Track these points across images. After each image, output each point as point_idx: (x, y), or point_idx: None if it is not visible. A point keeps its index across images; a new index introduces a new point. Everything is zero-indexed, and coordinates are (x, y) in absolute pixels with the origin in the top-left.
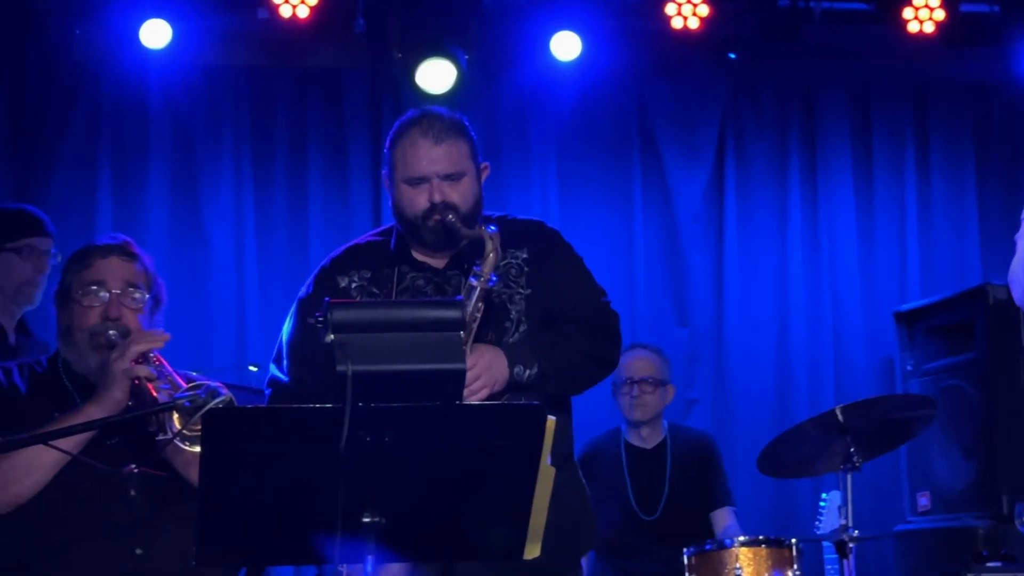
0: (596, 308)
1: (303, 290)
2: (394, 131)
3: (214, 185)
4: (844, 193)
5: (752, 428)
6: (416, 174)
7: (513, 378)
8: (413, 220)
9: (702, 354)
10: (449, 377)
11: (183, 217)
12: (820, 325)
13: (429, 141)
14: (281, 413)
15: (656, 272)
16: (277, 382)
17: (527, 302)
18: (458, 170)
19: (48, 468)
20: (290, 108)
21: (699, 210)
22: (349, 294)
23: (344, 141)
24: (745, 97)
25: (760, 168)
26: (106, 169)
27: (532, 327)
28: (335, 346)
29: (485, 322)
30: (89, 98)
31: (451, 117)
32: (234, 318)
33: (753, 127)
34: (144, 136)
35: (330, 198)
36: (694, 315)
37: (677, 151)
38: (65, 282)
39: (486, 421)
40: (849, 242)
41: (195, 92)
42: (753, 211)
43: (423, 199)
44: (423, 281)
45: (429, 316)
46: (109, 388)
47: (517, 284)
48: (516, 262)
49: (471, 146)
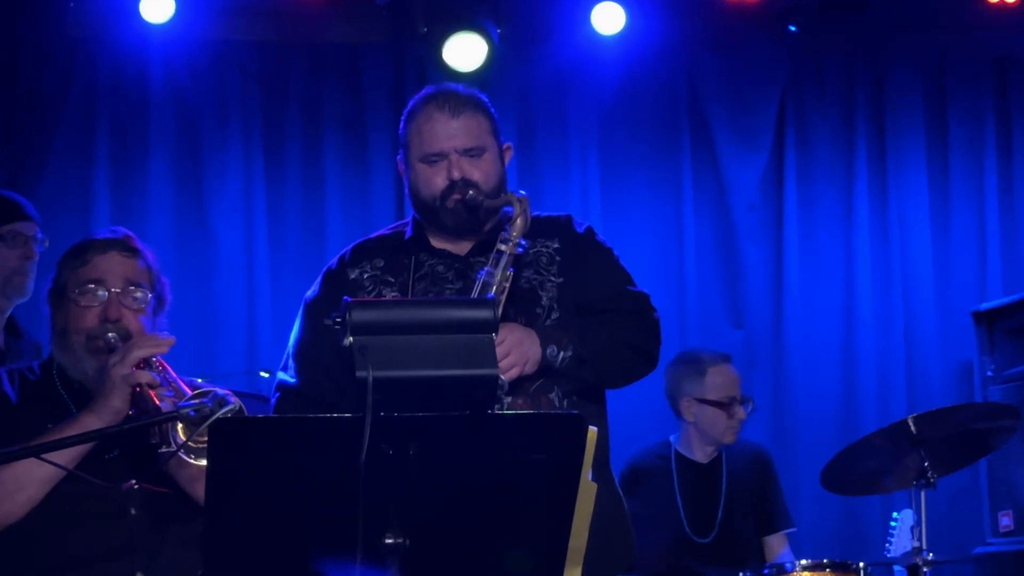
0: (635, 299)
1: (310, 292)
2: (408, 109)
3: (221, 173)
4: (916, 179)
5: (815, 441)
6: (433, 150)
7: (546, 359)
8: (431, 202)
9: (759, 359)
10: (480, 384)
11: (187, 208)
12: (890, 326)
13: (445, 114)
14: (295, 423)
15: (708, 268)
16: (284, 385)
17: (559, 290)
18: (478, 144)
19: (41, 484)
20: (304, 88)
21: (756, 199)
22: (361, 285)
23: (363, 125)
24: (806, 74)
25: (823, 152)
26: (103, 156)
27: (564, 316)
28: (354, 350)
29: (514, 306)
30: (85, 78)
31: (469, 92)
32: (243, 319)
33: (815, 107)
34: (144, 119)
35: (348, 187)
36: (750, 315)
37: (731, 134)
38: (60, 280)
39: (521, 432)
40: (922, 233)
41: (200, 71)
42: (815, 200)
43: (441, 177)
44: (443, 267)
45: (458, 316)
46: (108, 396)
47: (548, 272)
48: (547, 251)
49: (491, 122)
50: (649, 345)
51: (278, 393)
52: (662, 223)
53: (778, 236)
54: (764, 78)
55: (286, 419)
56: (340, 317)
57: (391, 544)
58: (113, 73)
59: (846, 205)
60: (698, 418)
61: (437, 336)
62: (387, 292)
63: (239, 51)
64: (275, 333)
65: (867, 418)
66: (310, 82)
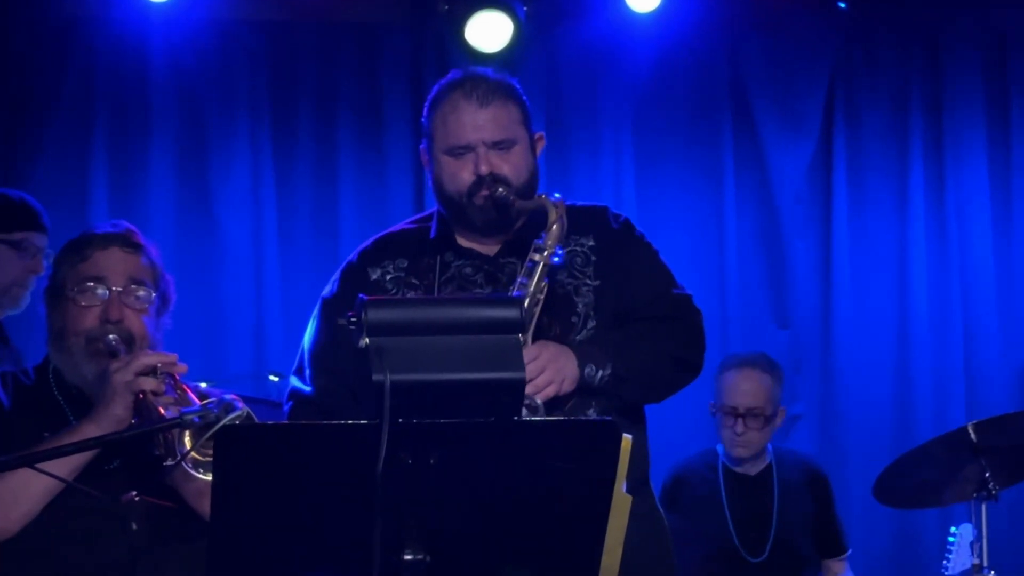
0: (676, 303)
1: (327, 288)
2: (432, 96)
3: (227, 163)
4: (977, 168)
5: (866, 450)
6: (459, 142)
7: (584, 379)
8: (457, 198)
9: (806, 361)
10: (506, 388)
11: (191, 201)
12: (948, 325)
13: (473, 104)
14: (307, 430)
15: (751, 265)
16: (298, 394)
17: (595, 295)
18: (508, 136)
19: (37, 498)
20: (316, 72)
21: (802, 189)
22: (383, 288)
23: (380, 110)
24: (858, 53)
25: (875, 139)
26: (101, 145)
27: (602, 323)
28: (370, 352)
29: (548, 314)
30: (81, 61)
31: (498, 77)
32: (251, 319)
33: (867, 89)
34: (145, 106)
35: (364, 178)
36: (797, 315)
37: (776, 119)
38: (58, 277)
39: (550, 440)
40: (983, 226)
41: (205, 53)
42: (867, 190)
43: (468, 172)
44: (471, 269)
45: (482, 316)
46: (108, 403)
47: (583, 274)
48: (581, 250)
49: (523, 111)
50: (692, 354)
51: (291, 402)
52: (701, 216)
53: (826, 230)
54: (812, 59)
55: (297, 426)
56: (355, 316)
57: (410, 561)
58: (112, 56)
59: (900, 196)
60: (717, 426)
61: (459, 337)
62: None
63: (246, 32)
64: (285, 334)
65: (923, 425)
66: (323, 65)
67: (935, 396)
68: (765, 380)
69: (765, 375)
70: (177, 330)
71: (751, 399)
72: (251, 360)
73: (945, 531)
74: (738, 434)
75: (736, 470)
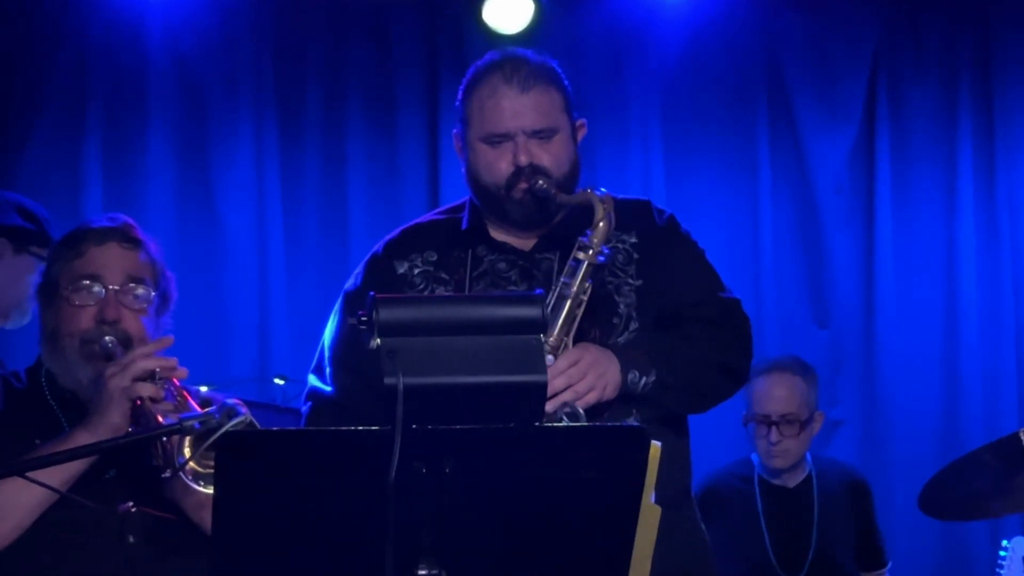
0: (723, 307)
1: (350, 282)
2: (468, 79)
3: (229, 152)
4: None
5: (912, 457)
6: (497, 130)
7: (626, 386)
8: (494, 189)
9: (847, 363)
10: (527, 392)
11: (190, 192)
12: (999, 326)
13: (514, 89)
14: (314, 437)
15: (788, 260)
16: (318, 394)
17: (638, 295)
18: (549, 125)
19: (29, 510)
20: (324, 54)
21: (843, 179)
22: (410, 282)
23: (392, 96)
24: (903, 35)
25: (921, 126)
26: (95, 132)
27: (645, 325)
28: (382, 353)
29: (587, 313)
30: (73, 41)
31: (540, 60)
32: (255, 318)
33: (912, 73)
34: (142, 89)
35: (375, 168)
36: (837, 314)
37: (815, 104)
38: (51, 274)
39: (574, 447)
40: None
41: (205, 33)
42: (912, 181)
43: (506, 162)
44: (505, 265)
45: (501, 315)
46: (104, 411)
47: (626, 273)
48: (623, 247)
49: (565, 97)
50: (740, 363)
51: (310, 403)
52: (735, 209)
53: (869, 223)
54: (853, 39)
55: (303, 433)
56: (366, 315)
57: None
58: (106, 36)
59: (948, 186)
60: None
61: (477, 337)
62: (440, 291)
63: (250, 10)
64: (291, 334)
65: (973, 432)
66: (331, 46)
67: (985, 400)
68: (797, 384)
69: (796, 378)
70: (176, 331)
71: (784, 405)
72: (255, 362)
73: (996, 545)
74: (773, 443)
75: (773, 482)
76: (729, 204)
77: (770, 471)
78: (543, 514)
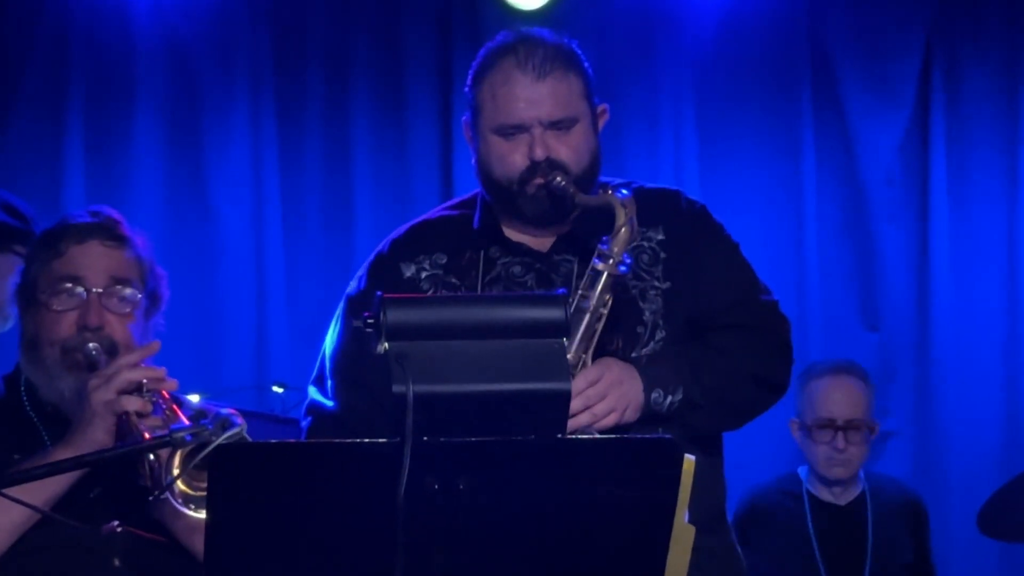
0: (760, 311)
1: (353, 285)
2: (479, 62)
3: (224, 139)
4: None
5: (969, 474)
6: (511, 121)
7: (649, 406)
8: (506, 185)
9: (899, 370)
10: (548, 401)
11: (181, 182)
12: None
13: (529, 75)
14: (316, 449)
15: (834, 255)
16: (318, 408)
17: (665, 300)
18: (568, 115)
19: (9, 532)
20: (327, 31)
21: (895, 169)
22: (417, 287)
23: (400, 78)
24: (959, 10)
25: (979, 110)
26: (77, 117)
27: (672, 333)
28: (390, 358)
29: (610, 324)
30: (54, 18)
31: (557, 42)
32: (252, 322)
33: (970, 53)
34: (129, 71)
35: (381, 157)
36: (888, 315)
37: (864, 87)
38: (29, 276)
39: (599, 461)
40: None
41: (197, 9)
42: (970, 170)
43: (520, 155)
44: (520, 268)
45: (520, 317)
46: (86, 427)
47: (651, 275)
48: (649, 245)
49: (585, 82)
50: (778, 373)
51: (310, 418)
52: (776, 201)
53: (923, 216)
54: (906, 16)
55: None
56: (372, 317)
57: None
58: (89, 12)
59: (1009, 176)
60: (802, 444)
61: (494, 342)
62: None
63: None
64: (291, 339)
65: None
66: (334, 23)
67: None
68: (863, 388)
69: (861, 383)
70: (166, 336)
71: (851, 409)
72: (251, 369)
73: None
74: (839, 450)
75: (824, 498)
76: (770, 196)
77: (827, 482)
78: (565, 535)
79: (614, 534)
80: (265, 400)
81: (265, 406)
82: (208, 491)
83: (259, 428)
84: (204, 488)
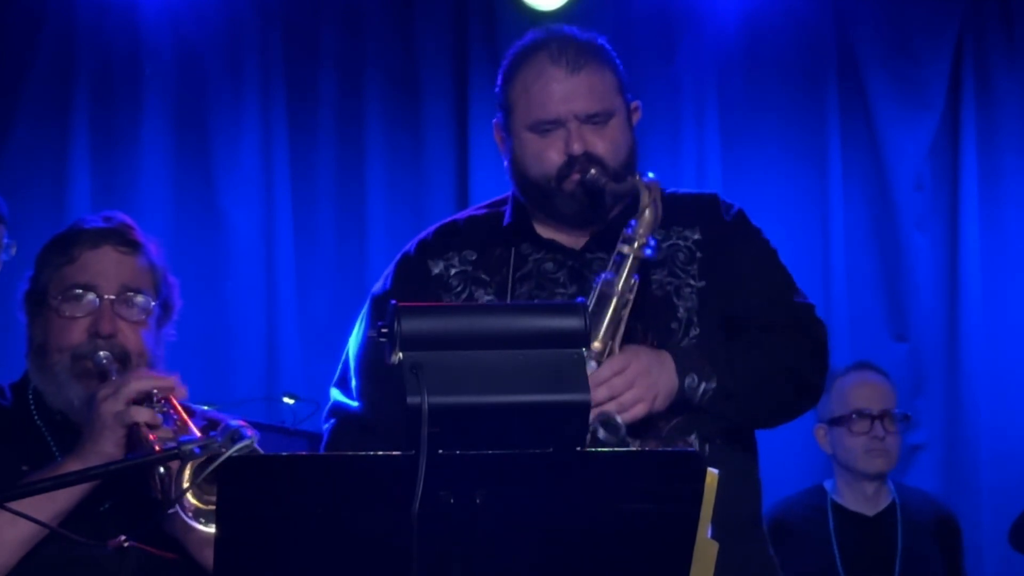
0: (797, 312)
1: (379, 284)
2: (510, 61)
3: (234, 145)
4: None
5: (1001, 487)
6: (547, 116)
7: (683, 392)
8: (543, 182)
9: (929, 381)
10: (567, 413)
11: (190, 187)
12: None
13: (563, 70)
14: (328, 463)
15: (862, 263)
16: (342, 409)
17: (700, 298)
18: (604, 108)
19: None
20: (340, 32)
21: (924, 174)
22: (446, 283)
23: (415, 81)
24: (992, 10)
25: (1012, 113)
26: (83, 121)
27: (707, 331)
28: (404, 369)
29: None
30: (59, 18)
31: (588, 37)
32: (262, 333)
33: (1002, 52)
34: (135, 73)
35: (396, 161)
36: (917, 324)
37: (892, 88)
38: (39, 282)
39: (620, 476)
40: None
41: (207, 10)
42: (1002, 175)
43: (557, 151)
44: (552, 264)
45: (538, 327)
46: (96, 439)
47: (686, 273)
48: (685, 244)
49: (618, 77)
50: (814, 376)
51: (333, 420)
52: (801, 206)
53: (953, 223)
54: (935, 15)
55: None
56: (386, 327)
57: None
58: (96, 12)
59: None
60: (834, 447)
61: (511, 352)
62: (480, 294)
63: None
64: (302, 347)
65: None
66: (347, 24)
67: None
68: (889, 383)
69: (884, 378)
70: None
71: (883, 400)
72: (262, 380)
73: None
74: (880, 438)
75: (852, 508)
76: (794, 201)
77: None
78: (585, 551)
79: (635, 550)
80: (275, 412)
81: (275, 418)
82: (218, 504)
83: (270, 440)
84: (215, 501)
